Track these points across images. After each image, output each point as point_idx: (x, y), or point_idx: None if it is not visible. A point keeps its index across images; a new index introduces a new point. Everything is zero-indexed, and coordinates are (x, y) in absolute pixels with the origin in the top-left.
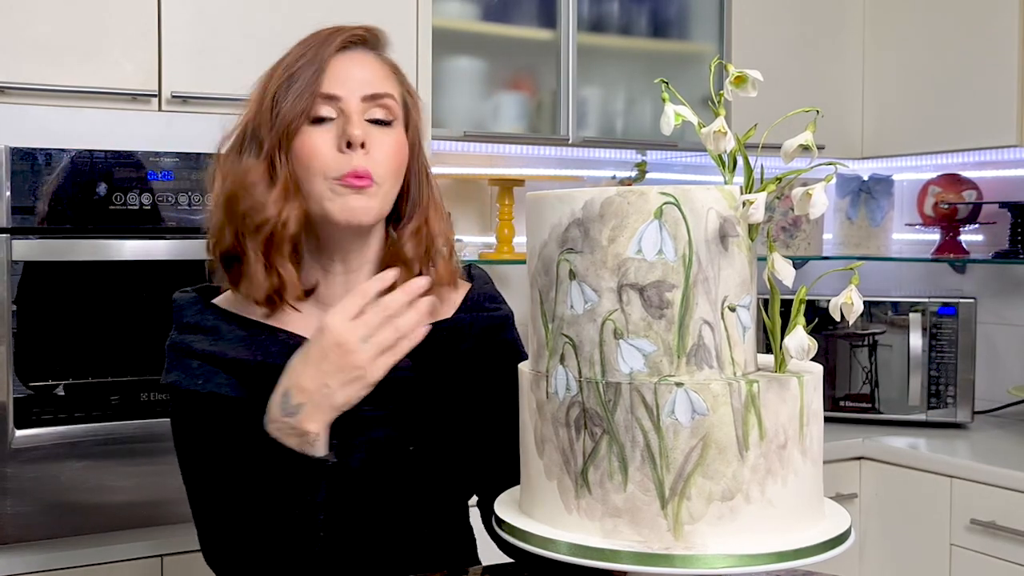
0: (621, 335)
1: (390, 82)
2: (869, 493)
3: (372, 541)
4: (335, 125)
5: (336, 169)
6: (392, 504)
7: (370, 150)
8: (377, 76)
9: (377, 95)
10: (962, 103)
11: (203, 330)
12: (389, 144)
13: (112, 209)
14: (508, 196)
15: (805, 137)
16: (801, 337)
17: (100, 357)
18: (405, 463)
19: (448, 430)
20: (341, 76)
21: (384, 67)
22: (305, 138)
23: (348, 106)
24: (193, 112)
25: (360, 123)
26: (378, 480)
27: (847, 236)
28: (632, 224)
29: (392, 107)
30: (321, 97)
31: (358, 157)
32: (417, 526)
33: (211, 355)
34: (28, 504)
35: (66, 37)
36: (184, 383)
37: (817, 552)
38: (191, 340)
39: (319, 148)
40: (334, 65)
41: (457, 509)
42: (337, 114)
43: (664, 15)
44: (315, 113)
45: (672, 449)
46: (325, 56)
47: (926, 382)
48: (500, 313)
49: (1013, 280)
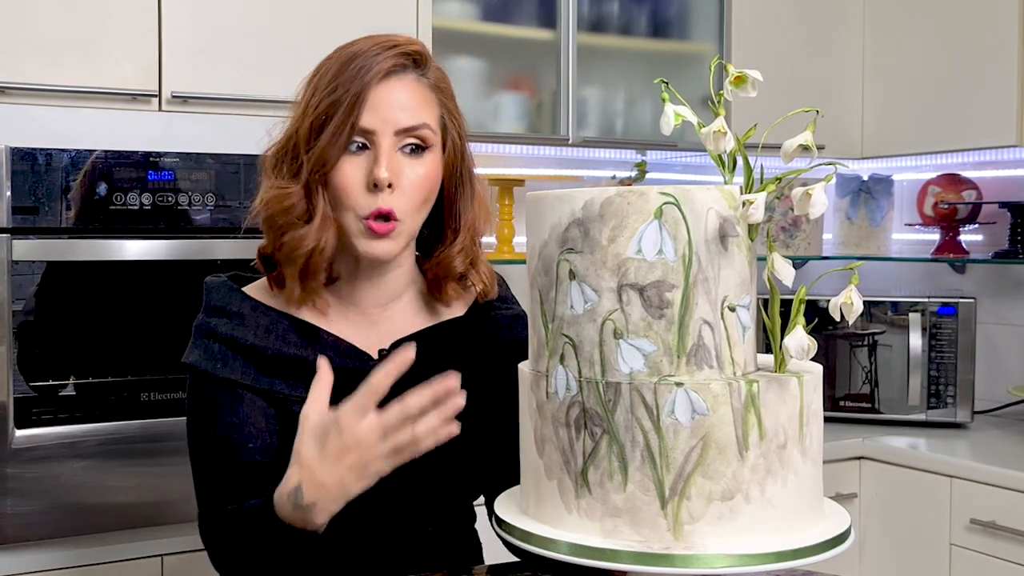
0: (621, 335)
1: (428, 109)
2: (869, 493)
3: (377, 540)
4: (368, 157)
5: (364, 207)
6: (399, 503)
7: (397, 186)
8: (416, 104)
9: (412, 128)
10: (962, 103)
11: (228, 314)
12: (418, 175)
13: (112, 209)
14: (508, 196)
15: (805, 137)
16: (801, 337)
17: (100, 357)
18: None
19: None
20: (379, 106)
21: (425, 92)
22: (340, 172)
23: (380, 140)
24: (193, 112)
25: (389, 160)
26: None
27: (847, 236)
28: (632, 224)
29: (427, 136)
30: (358, 132)
31: (383, 197)
32: (422, 525)
33: (232, 340)
34: (28, 504)
35: (66, 37)
36: (202, 364)
37: (817, 552)
38: (215, 323)
39: (350, 184)
40: (373, 92)
41: (463, 511)
42: (370, 145)
43: (664, 15)
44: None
45: (672, 449)
46: (367, 82)
47: (926, 382)
48: (512, 312)
49: (1013, 280)
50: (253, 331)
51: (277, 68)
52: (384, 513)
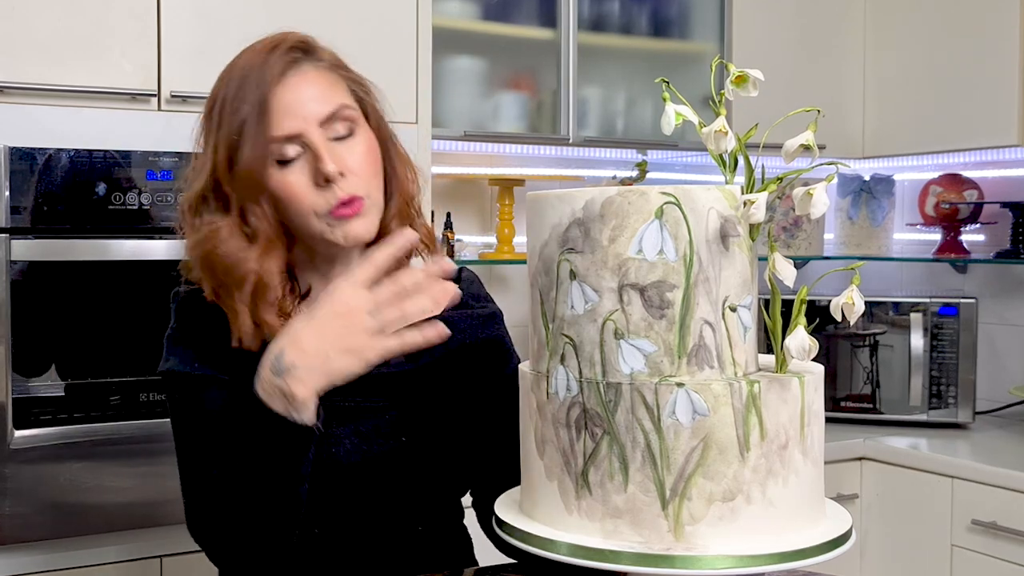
0: (622, 335)
1: (338, 89)
2: (870, 493)
3: (366, 538)
4: (304, 161)
5: (324, 204)
6: (385, 500)
7: (346, 171)
8: (324, 91)
9: (333, 114)
10: (963, 103)
11: (200, 324)
12: (360, 154)
13: (111, 209)
14: (508, 196)
15: (806, 137)
16: (802, 337)
17: (99, 357)
18: (397, 457)
19: (439, 424)
20: (291, 107)
21: (327, 75)
22: (278, 184)
23: (310, 139)
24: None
25: (328, 152)
26: (370, 474)
27: (848, 236)
28: (633, 224)
29: (351, 116)
30: (278, 141)
31: (340, 186)
32: (411, 523)
33: (207, 347)
34: (27, 504)
35: (66, 37)
36: (179, 368)
37: (818, 553)
38: (188, 332)
39: (297, 190)
40: (279, 97)
41: (451, 507)
42: (302, 149)
43: (665, 14)
44: (278, 156)
45: (673, 450)
46: (266, 89)
47: (927, 382)
48: (487, 311)
49: (1014, 280)
50: (227, 338)
51: None
52: (373, 511)
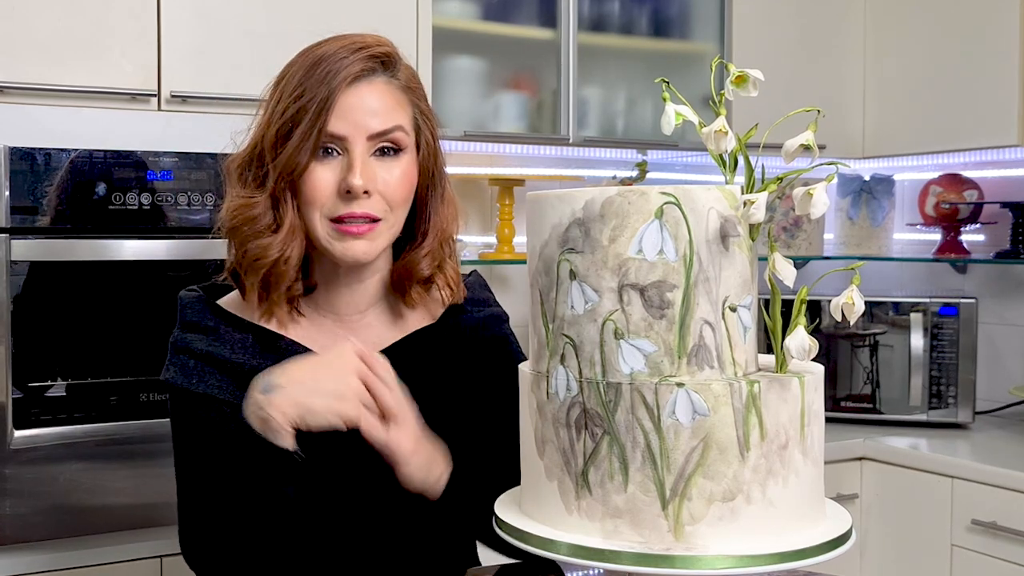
0: (622, 335)
1: (401, 111)
2: (870, 493)
3: (371, 539)
4: (339, 163)
5: (334, 210)
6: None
7: (373, 190)
8: (388, 107)
9: (385, 132)
10: (963, 103)
11: (202, 330)
12: (396, 177)
13: (111, 209)
14: (508, 196)
15: (806, 137)
16: (802, 337)
17: (99, 357)
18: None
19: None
20: (349, 112)
21: (396, 94)
22: (310, 177)
23: (353, 146)
24: (192, 112)
25: (363, 166)
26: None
27: (848, 236)
28: (633, 224)
29: (400, 139)
30: (326, 136)
31: (358, 203)
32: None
33: (208, 355)
34: (27, 505)
35: (66, 37)
36: (179, 381)
37: (818, 553)
38: (191, 339)
39: (321, 186)
40: (343, 98)
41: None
42: (342, 151)
43: (665, 15)
44: (319, 149)
45: (673, 450)
46: (335, 87)
47: (927, 382)
48: (490, 312)
49: (1014, 280)
50: (229, 346)
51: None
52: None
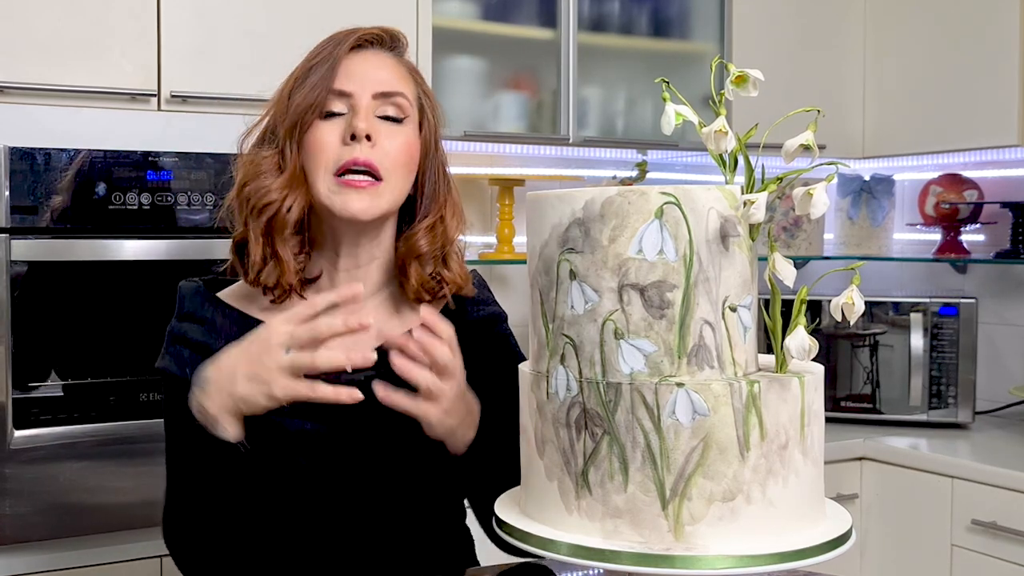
0: (622, 335)
1: (405, 82)
2: (870, 493)
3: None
4: (344, 120)
5: (337, 160)
6: (385, 500)
7: (377, 143)
8: (392, 75)
9: (389, 93)
10: (963, 103)
11: (199, 320)
12: (398, 141)
13: (111, 209)
14: (508, 196)
15: (806, 137)
16: (802, 337)
17: (99, 357)
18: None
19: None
20: (355, 73)
21: (400, 67)
22: (314, 131)
23: (358, 102)
24: (192, 112)
25: (368, 118)
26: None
27: (848, 236)
28: (633, 224)
29: (404, 105)
30: (333, 93)
31: (361, 148)
32: (412, 524)
33: (203, 345)
34: (27, 505)
35: (66, 37)
36: (173, 370)
37: (818, 553)
38: (186, 328)
39: (325, 141)
40: (348, 62)
41: (453, 508)
42: (348, 109)
43: (665, 15)
44: (327, 108)
45: (673, 450)
46: (339, 54)
47: (927, 382)
48: (490, 311)
49: (1014, 280)
50: (224, 338)
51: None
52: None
